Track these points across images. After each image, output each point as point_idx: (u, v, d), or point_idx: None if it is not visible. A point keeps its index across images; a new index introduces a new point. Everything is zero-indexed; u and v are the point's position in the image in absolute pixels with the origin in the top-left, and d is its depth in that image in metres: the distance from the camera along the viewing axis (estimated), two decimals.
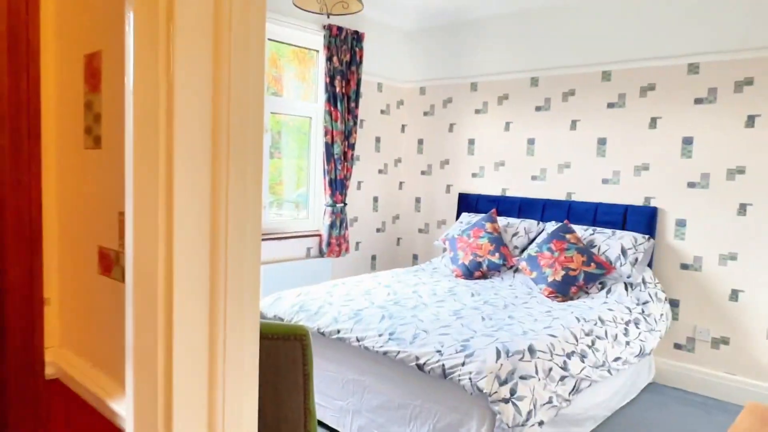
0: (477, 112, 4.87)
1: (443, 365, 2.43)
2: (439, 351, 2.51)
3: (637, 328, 3.37)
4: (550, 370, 2.56)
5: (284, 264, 4.39)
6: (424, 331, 2.72)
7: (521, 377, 2.39)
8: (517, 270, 4.04)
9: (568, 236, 3.79)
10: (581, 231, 3.96)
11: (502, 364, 2.40)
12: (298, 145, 4.84)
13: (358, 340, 2.75)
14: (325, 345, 2.98)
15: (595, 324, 3.09)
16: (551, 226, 4.11)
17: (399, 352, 2.58)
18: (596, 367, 2.84)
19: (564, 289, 3.59)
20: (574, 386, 2.69)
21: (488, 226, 4.18)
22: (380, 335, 2.72)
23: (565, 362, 2.66)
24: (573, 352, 2.75)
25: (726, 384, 3.66)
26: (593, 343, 2.94)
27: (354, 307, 3.05)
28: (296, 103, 4.64)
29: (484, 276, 4.09)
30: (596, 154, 4.19)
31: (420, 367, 2.50)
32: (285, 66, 4.70)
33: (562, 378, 2.60)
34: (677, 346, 3.88)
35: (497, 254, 4.02)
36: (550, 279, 3.64)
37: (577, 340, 2.85)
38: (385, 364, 2.70)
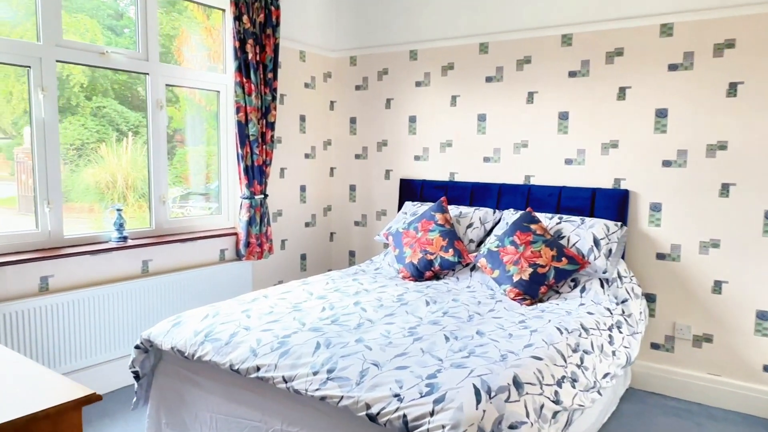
0: (418, 84, 4.21)
1: (404, 416, 1.75)
2: (397, 395, 1.83)
3: (620, 332, 2.84)
4: (542, 407, 1.94)
5: (192, 272, 3.56)
6: (375, 364, 2.03)
7: (511, 426, 1.76)
8: (474, 268, 3.43)
9: (533, 227, 3.21)
10: (545, 220, 3.40)
11: (485, 411, 1.75)
12: (209, 125, 3.99)
13: (285, 381, 2.03)
14: (241, 386, 2.23)
15: (580, 335, 2.52)
16: (510, 214, 3.53)
17: (342, 398, 1.88)
18: (587, 390, 2.27)
19: (532, 290, 3.01)
20: (567, 420, 2.10)
21: (439, 217, 3.54)
22: (315, 373, 2.00)
23: (556, 392, 2.06)
24: (563, 378, 2.16)
25: (711, 387, 3.23)
26: (582, 360, 2.37)
27: (279, 332, 2.31)
28: (200, 73, 3.79)
29: (436, 276, 3.46)
30: (557, 131, 3.64)
31: (372, 418, 1.81)
32: (186, 28, 3.82)
33: (555, 414, 1.99)
34: (654, 346, 3.42)
35: (451, 250, 3.39)
36: (515, 278, 3.05)
37: (565, 360, 2.26)
38: (324, 411, 1.99)
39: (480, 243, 3.58)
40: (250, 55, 3.70)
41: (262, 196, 3.88)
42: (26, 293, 2.84)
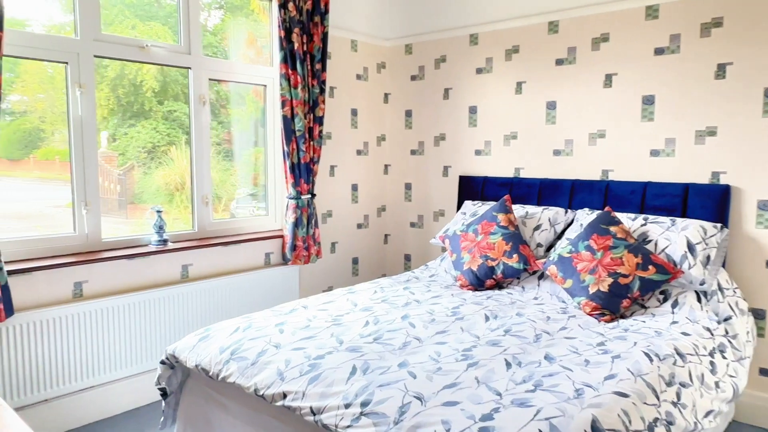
0: (479, 71, 3.82)
1: None
2: None
3: (724, 357, 2.35)
4: None
5: (235, 277, 3.34)
6: (418, 397, 1.68)
7: None
8: (543, 276, 3.01)
9: (612, 229, 2.76)
10: (628, 221, 2.93)
11: None
12: (255, 123, 3.78)
13: (313, 413, 1.72)
14: (268, 413, 1.95)
15: (674, 362, 2.06)
16: (585, 215, 3.08)
17: None
18: None
19: (613, 304, 2.57)
20: None
21: (501, 218, 3.14)
22: (347, 405, 1.68)
23: None
24: (656, 420, 1.73)
25: None
26: (678, 396, 1.92)
27: (312, 352, 2.02)
28: (246, 67, 3.57)
29: (498, 285, 3.06)
30: (641, 118, 3.15)
31: None
32: (231, 19, 3.63)
33: None
34: (764, 372, 2.87)
35: (516, 255, 2.98)
36: (592, 289, 2.61)
37: (658, 398, 1.82)
38: None
39: (549, 247, 3.15)
40: (296, 45, 3.45)
41: (309, 195, 3.62)
42: (59, 299, 2.70)
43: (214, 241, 3.32)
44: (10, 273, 2.48)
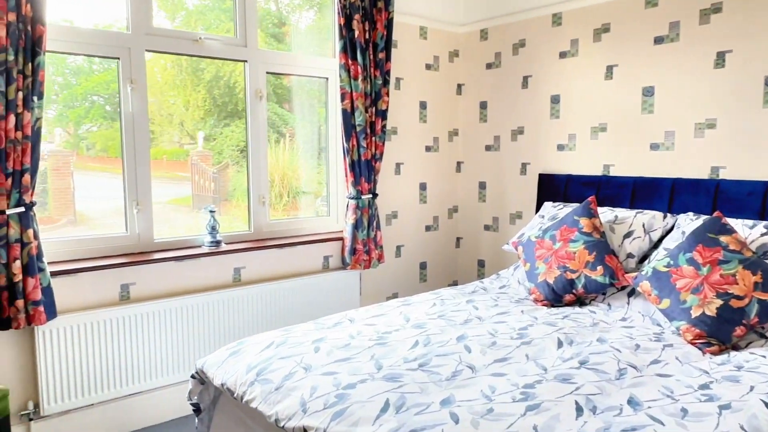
0: (562, 55, 3.37)
1: None
2: None
3: None
4: None
5: (290, 282, 3.15)
6: None
7: None
8: (633, 293, 2.55)
9: (723, 239, 2.25)
10: (744, 229, 2.40)
11: None
12: (319, 118, 3.58)
13: None
14: None
15: None
16: (688, 220, 2.58)
17: None
18: None
19: (722, 332, 2.08)
20: None
21: (584, 222, 2.71)
22: None
23: None
24: None
25: None
26: None
27: (343, 378, 1.74)
28: (305, 58, 3.37)
29: (579, 301, 2.64)
30: (762, 102, 2.59)
31: None
32: (294, 8, 3.45)
33: None
34: None
35: (600, 267, 2.54)
36: (694, 312, 2.14)
37: None
38: None
39: (643, 259, 2.68)
40: (356, 33, 3.20)
41: (370, 195, 3.36)
42: (105, 302, 2.63)
43: (270, 242, 3.15)
44: (55, 274, 2.42)
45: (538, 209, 3.48)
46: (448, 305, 2.55)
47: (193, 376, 2.09)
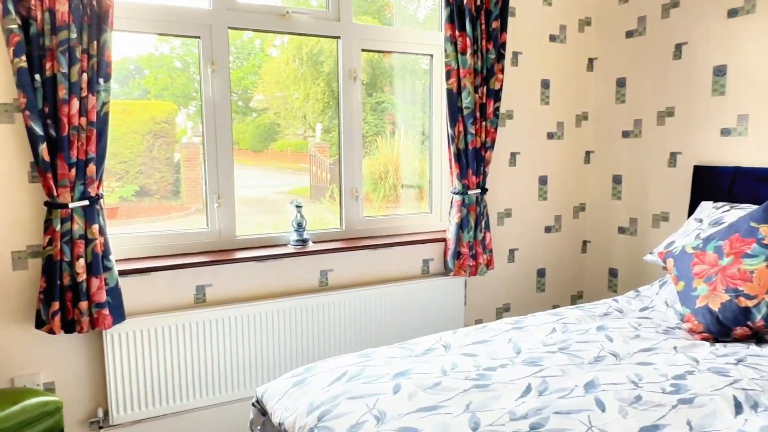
0: (732, 14, 2.63)
1: None
2: None
3: None
4: None
5: (383, 288, 2.77)
6: None
7: None
8: None
9: (763, 230, 1.51)
10: None
11: None
12: (423, 103, 3.15)
13: None
14: None
15: None
16: None
17: None
18: None
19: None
20: None
21: (764, 230, 2.01)
22: None
23: None
24: None
25: None
26: None
27: None
28: (406, 33, 2.94)
29: (756, 338, 1.95)
30: None
31: None
32: None
33: None
34: None
35: None
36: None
37: None
38: None
39: None
40: (465, 0, 2.71)
41: (479, 190, 2.87)
42: (179, 304, 2.41)
43: (362, 242, 2.78)
44: (126, 273, 2.23)
45: (692, 211, 2.77)
46: (573, 333, 2.01)
47: (254, 405, 1.77)
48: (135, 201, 2.51)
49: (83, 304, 2.04)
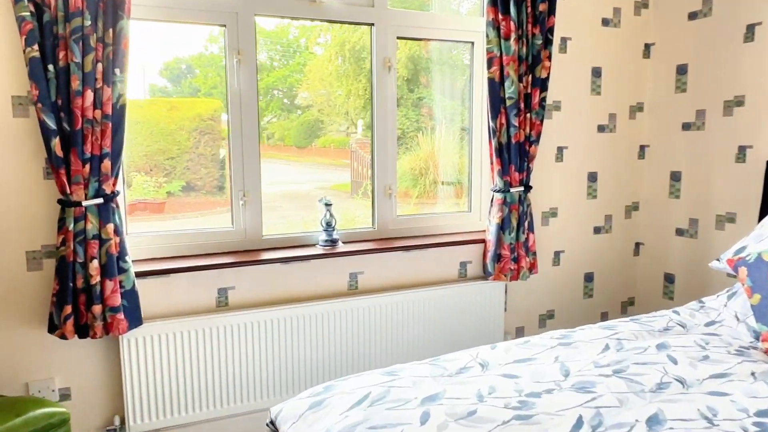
0: None
1: None
2: None
3: None
4: None
5: (416, 293, 2.58)
6: None
7: None
8: None
9: None
10: None
11: None
12: (462, 94, 2.94)
13: None
14: None
15: None
16: None
17: None
18: None
19: None
20: None
21: None
22: None
23: None
24: None
25: None
26: None
27: None
28: (445, 19, 2.73)
29: None
30: None
31: None
32: None
33: None
34: None
35: None
36: None
37: None
38: None
39: None
40: None
41: (522, 188, 2.64)
42: (200, 308, 2.28)
43: (395, 243, 2.60)
44: (144, 274, 2.11)
45: (763, 211, 2.47)
46: (629, 351, 1.77)
47: (268, 425, 1.61)
48: (182, 196, 2.45)
49: (96, 308, 1.93)
